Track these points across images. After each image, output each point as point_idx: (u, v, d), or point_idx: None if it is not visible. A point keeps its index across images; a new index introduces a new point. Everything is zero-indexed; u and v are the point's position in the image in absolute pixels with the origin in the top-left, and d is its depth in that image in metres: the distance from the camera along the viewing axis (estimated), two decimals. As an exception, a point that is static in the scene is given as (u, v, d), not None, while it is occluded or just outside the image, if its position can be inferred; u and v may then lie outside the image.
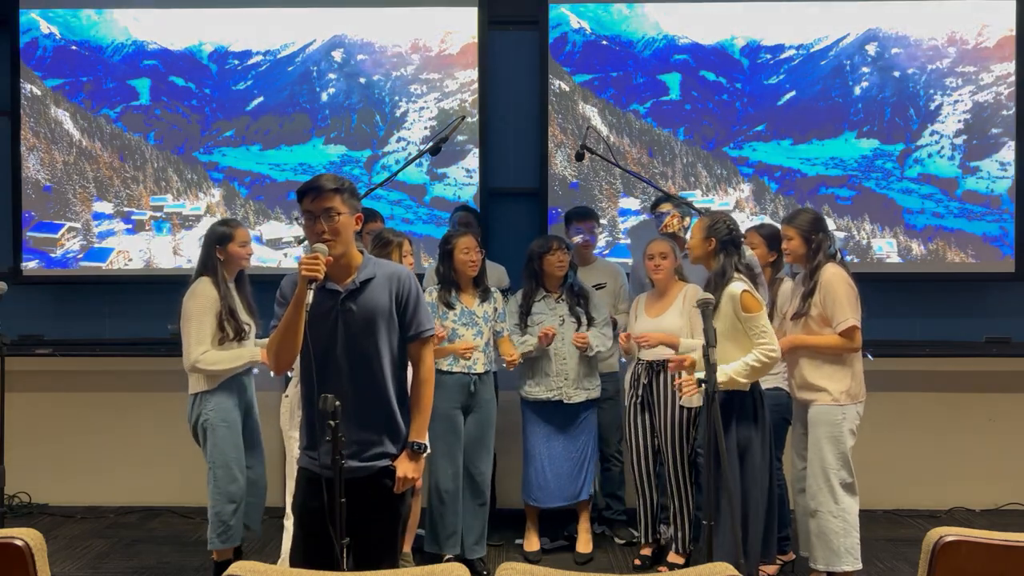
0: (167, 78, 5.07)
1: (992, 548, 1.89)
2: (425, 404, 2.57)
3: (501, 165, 5.13)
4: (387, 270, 2.53)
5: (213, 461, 3.53)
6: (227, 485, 3.53)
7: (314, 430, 2.45)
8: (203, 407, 3.52)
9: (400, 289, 2.50)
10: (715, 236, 3.38)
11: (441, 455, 3.86)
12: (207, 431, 3.52)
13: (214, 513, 3.55)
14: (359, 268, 2.48)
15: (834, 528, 3.43)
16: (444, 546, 3.88)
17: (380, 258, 3.61)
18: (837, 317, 3.43)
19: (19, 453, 4.45)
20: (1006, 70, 4.97)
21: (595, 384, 4.12)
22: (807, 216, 3.60)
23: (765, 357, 3.25)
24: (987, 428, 5.02)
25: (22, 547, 1.89)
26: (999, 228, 4.97)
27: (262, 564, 1.78)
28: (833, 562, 3.44)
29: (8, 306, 4.10)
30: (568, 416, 4.07)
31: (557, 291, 4.10)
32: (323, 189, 2.40)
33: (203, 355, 3.43)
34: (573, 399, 4.04)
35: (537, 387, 4.07)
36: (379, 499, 2.47)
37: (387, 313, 2.47)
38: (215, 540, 3.55)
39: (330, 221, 2.39)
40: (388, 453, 2.49)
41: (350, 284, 2.46)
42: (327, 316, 2.44)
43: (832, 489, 3.43)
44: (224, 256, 3.55)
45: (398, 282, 2.50)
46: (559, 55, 5.04)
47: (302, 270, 2.32)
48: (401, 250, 3.63)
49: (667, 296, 3.95)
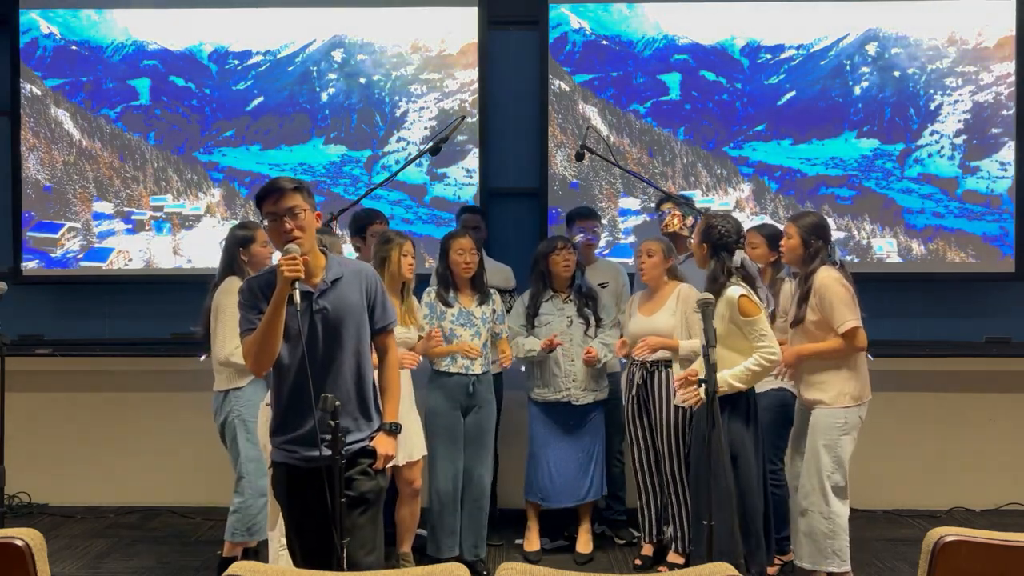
0: (167, 78, 5.07)
1: (992, 548, 1.89)
2: (395, 388, 2.68)
3: (501, 165, 5.13)
4: (352, 267, 2.62)
5: (247, 455, 3.56)
6: (259, 479, 3.56)
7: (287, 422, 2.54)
8: (234, 403, 3.55)
9: (369, 286, 2.60)
10: (707, 241, 3.43)
11: (441, 456, 3.86)
12: (238, 427, 3.55)
13: (245, 507, 3.57)
14: (325, 267, 2.55)
15: (823, 529, 3.43)
16: (444, 546, 3.88)
17: (375, 256, 3.65)
18: (836, 320, 3.41)
19: (19, 453, 4.45)
20: (1006, 70, 4.97)
21: (603, 385, 4.13)
22: (811, 219, 3.58)
23: (766, 361, 3.27)
24: (987, 428, 5.02)
25: (22, 547, 1.89)
26: (999, 228, 4.97)
27: (262, 564, 1.79)
28: (818, 561, 3.45)
29: (8, 306, 4.10)
30: (575, 417, 4.07)
31: (565, 292, 4.10)
32: (284, 189, 2.47)
33: (237, 349, 3.45)
34: (581, 400, 4.04)
35: (545, 389, 4.07)
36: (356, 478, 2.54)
37: (359, 309, 2.57)
38: (242, 533, 3.57)
39: (295, 219, 2.47)
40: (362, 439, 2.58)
41: (320, 284, 2.52)
42: (301, 315, 2.48)
43: (824, 491, 3.43)
44: (248, 257, 3.62)
45: (366, 279, 2.61)
46: (559, 55, 5.04)
47: (284, 271, 2.37)
48: (401, 250, 3.62)
49: (660, 295, 3.95)
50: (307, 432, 2.48)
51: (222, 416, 3.59)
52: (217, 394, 3.61)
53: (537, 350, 3.98)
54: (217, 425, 3.63)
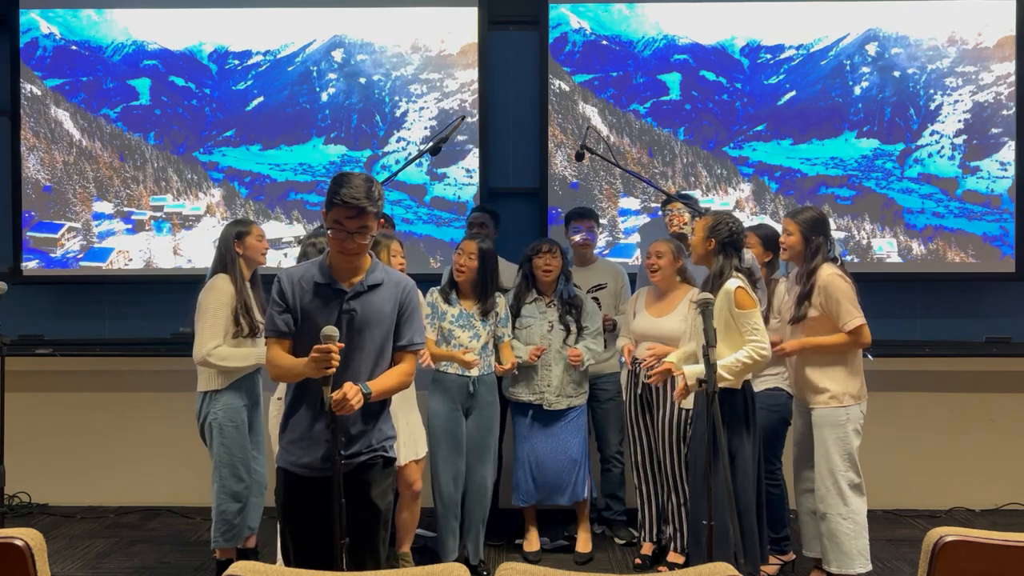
0: (167, 78, 5.07)
1: (992, 548, 1.89)
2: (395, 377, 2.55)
3: (501, 165, 5.13)
4: (395, 278, 2.58)
5: (220, 460, 3.54)
6: (233, 485, 3.54)
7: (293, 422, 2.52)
8: (212, 406, 3.52)
9: (404, 299, 2.55)
10: (715, 237, 3.36)
11: (442, 458, 3.85)
12: (215, 431, 3.52)
13: (219, 512, 3.55)
14: (367, 271, 2.52)
15: (845, 530, 3.42)
16: (446, 547, 3.88)
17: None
18: (843, 317, 3.41)
19: (19, 453, 4.45)
20: (1006, 70, 4.97)
21: (581, 391, 4.09)
22: (811, 214, 3.57)
23: (757, 355, 3.24)
24: (987, 428, 5.02)
25: (22, 547, 1.89)
26: (999, 228, 4.97)
27: (262, 564, 1.79)
28: (846, 565, 3.43)
29: (8, 306, 4.11)
30: (552, 418, 4.04)
31: (550, 296, 4.10)
32: (366, 211, 2.40)
33: (215, 349, 3.43)
34: (554, 406, 4.02)
35: (519, 388, 4.06)
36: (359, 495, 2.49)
37: (389, 320, 2.53)
38: (219, 539, 3.56)
39: (363, 239, 2.43)
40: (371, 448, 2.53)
41: (357, 285, 2.49)
42: (329, 313, 2.46)
43: (840, 491, 3.42)
44: (243, 249, 3.60)
45: (404, 292, 2.56)
46: (559, 55, 5.04)
47: (316, 368, 2.32)
48: (388, 251, 3.60)
49: (670, 297, 3.94)
50: (311, 435, 2.47)
51: (201, 417, 3.57)
52: (199, 394, 3.58)
53: (524, 358, 3.98)
54: (197, 425, 3.61)
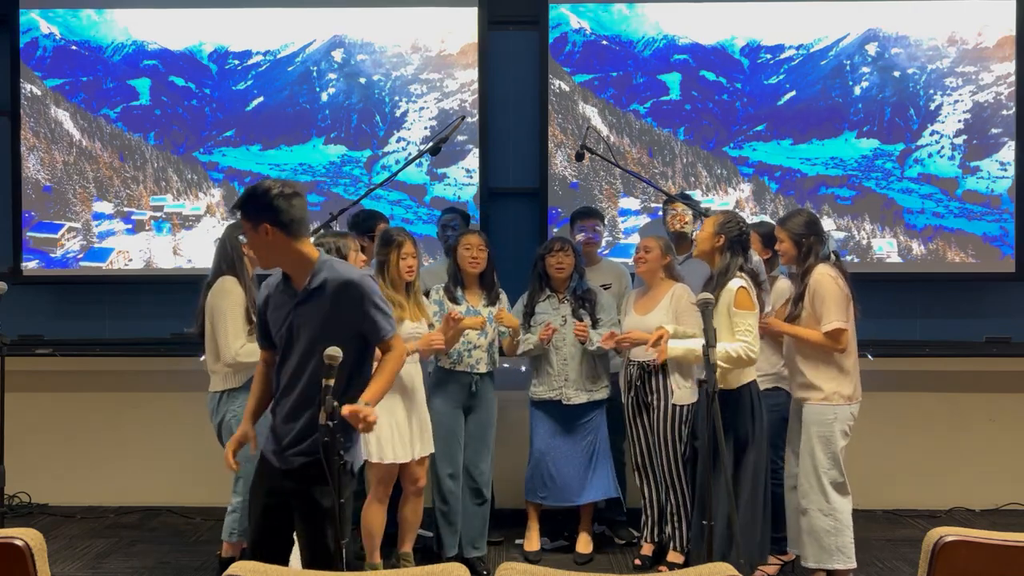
0: (167, 78, 5.07)
1: (992, 548, 1.89)
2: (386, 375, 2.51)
3: (501, 165, 5.13)
4: (338, 278, 2.45)
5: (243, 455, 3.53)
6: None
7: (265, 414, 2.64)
8: (230, 404, 3.54)
9: (349, 301, 2.45)
10: (725, 233, 3.40)
11: (441, 455, 3.85)
12: (234, 427, 3.52)
13: (243, 506, 3.55)
14: (313, 273, 2.47)
15: (824, 527, 3.45)
16: (446, 545, 3.89)
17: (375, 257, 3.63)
18: (824, 318, 3.46)
19: (19, 453, 4.45)
20: (1006, 70, 4.97)
21: (600, 386, 4.10)
22: (799, 220, 3.61)
23: (745, 354, 3.29)
24: (987, 428, 5.02)
25: (22, 547, 1.90)
26: (999, 228, 4.97)
27: (262, 564, 1.79)
28: (823, 560, 3.46)
29: (8, 306, 4.10)
30: (571, 416, 4.06)
31: (563, 293, 4.11)
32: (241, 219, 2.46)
33: (242, 348, 3.44)
34: (572, 400, 4.03)
35: (540, 387, 4.08)
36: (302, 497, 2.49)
37: (331, 324, 2.43)
38: (240, 532, 3.57)
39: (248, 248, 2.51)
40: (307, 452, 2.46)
41: (302, 293, 2.47)
42: (285, 316, 2.50)
43: (823, 488, 3.45)
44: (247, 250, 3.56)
45: (346, 293, 2.45)
46: (559, 55, 5.04)
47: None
48: (400, 252, 3.60)
49: (654, 294, 3.95)
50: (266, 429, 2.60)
51: (219, 416, 3.58)
52: (213, 394, 3.59)
53: (535, 342, 3.98)
54: (214, 425, 3.62)
